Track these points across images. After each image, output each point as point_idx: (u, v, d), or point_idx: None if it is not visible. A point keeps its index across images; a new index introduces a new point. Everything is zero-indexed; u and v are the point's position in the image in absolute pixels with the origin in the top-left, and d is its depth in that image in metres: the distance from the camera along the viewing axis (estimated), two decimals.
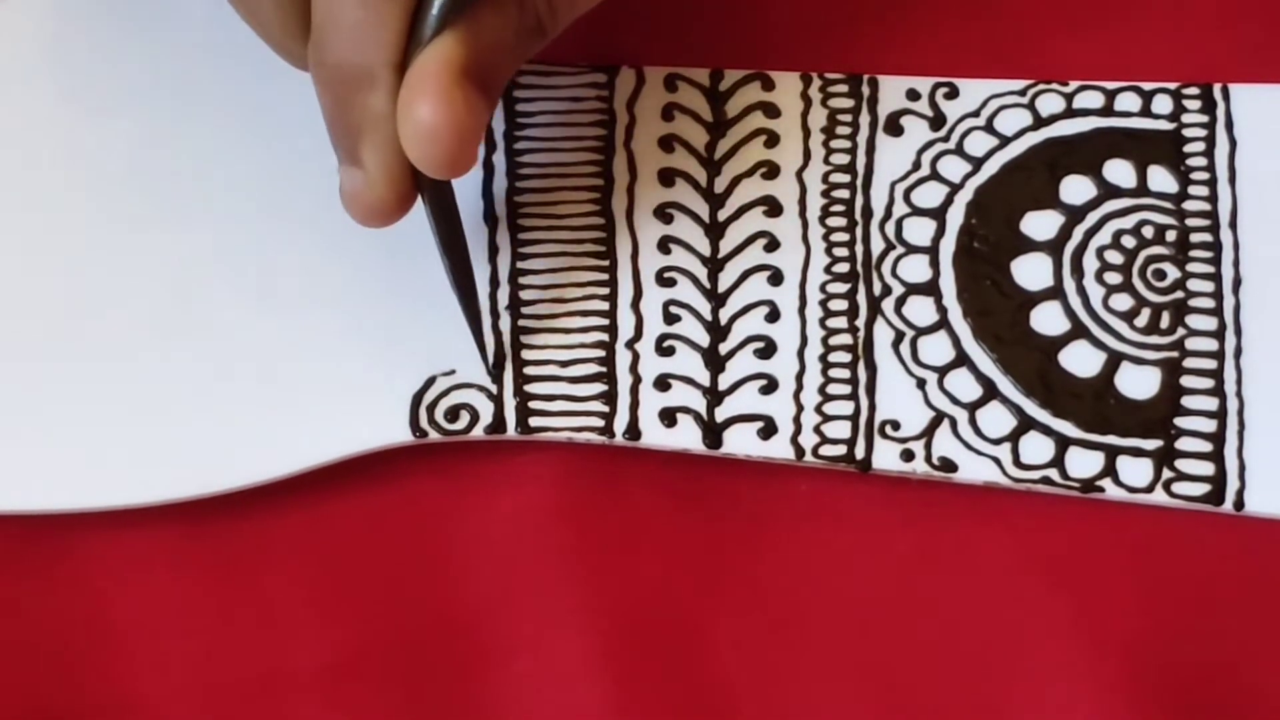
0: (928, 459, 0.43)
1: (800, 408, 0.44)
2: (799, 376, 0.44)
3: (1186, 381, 0.44)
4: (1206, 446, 0.43)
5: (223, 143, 0.45)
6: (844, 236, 0.45)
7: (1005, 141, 0.46)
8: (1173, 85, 0.46)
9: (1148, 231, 0.45)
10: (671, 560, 0.44)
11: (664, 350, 0.44)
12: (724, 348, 0.44)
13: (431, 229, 0.42)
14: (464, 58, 0.38)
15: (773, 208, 0.45)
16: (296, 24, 0.39)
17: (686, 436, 0.44)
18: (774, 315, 0.44)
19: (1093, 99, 0.46)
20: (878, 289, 0.45)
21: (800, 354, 0.44)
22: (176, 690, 0.43)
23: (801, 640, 0.43)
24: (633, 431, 0.43)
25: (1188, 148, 0.45)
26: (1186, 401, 0.44)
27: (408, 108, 0.38)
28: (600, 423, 0.44)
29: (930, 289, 0.45)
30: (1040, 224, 0.45)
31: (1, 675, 0.43)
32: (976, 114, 0.46)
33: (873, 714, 0.43)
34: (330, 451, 0.43)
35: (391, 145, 0.39)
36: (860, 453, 0.43)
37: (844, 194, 0.45)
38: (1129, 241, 0.45)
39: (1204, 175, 0.45)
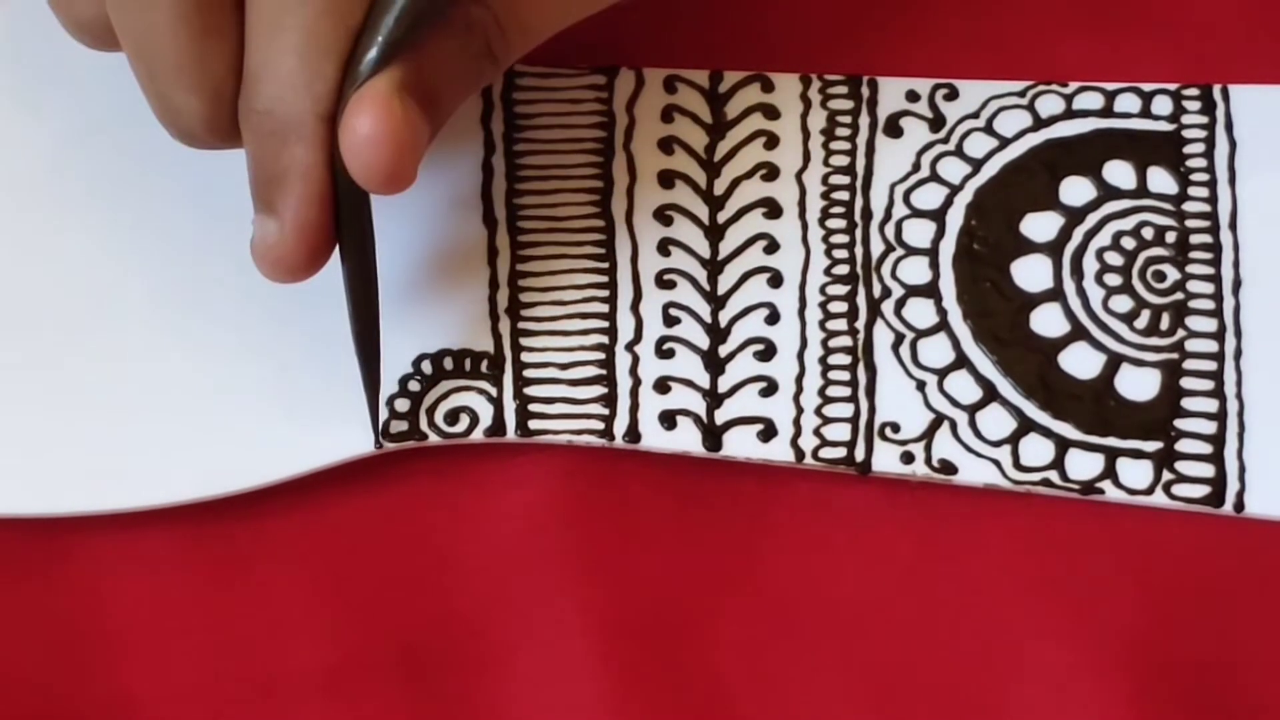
0: (927, 461, 0.43)
1: (800, 410, 0.44)
2: (799, 379, 0.44)
3: (1186, 383, 0.44)
4: (1206, 448, 0.43)
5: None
6: (844, 238, 0.45)
7: (1005, 143, 0.46)
8: (1172, 86, 0.46)
9: (1147, 233, 0.45)
10: (672, 560, 0.44)
11: (664, 353, 0.44)
12: (724, 350, 0.44)
13: (345, 289, 0.41)
14: (404, 75, 0.38)
15: (772, 210, 0.45)
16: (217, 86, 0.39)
17: (686, 439, 0.44)
18: (774, 317, 0.44)
19: (1092, 100, 0.46)
20: (877, 291, 0.45)
21: (800, 356, 0.44)
22: (178, 692, 0.43)
23: (802, 640, 0.43)
24: (632, 434, 0.43)
25: (1187, 149, 0.45)
26: (1186, 403, 0.44)
27: (348, 122, 0.37)
28: (600, 425, 0.44)
29: (930, 291, 0.45)
30: (1040, 225, 0.45)
31: (3, 676, 0.43)
32: (976, 115, 0.46)
33: (872, 714, 0.43)
34: (330, 455, 0.43)
35: (310, 196, 0.39)
36: (860, 455, 0.43)
37: (843, 196, 0.45)
38: (1129, 243, 0.45)
39: (1204, 176, 0.45)
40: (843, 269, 0.45)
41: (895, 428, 0.44)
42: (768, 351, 0.44)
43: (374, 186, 0.38)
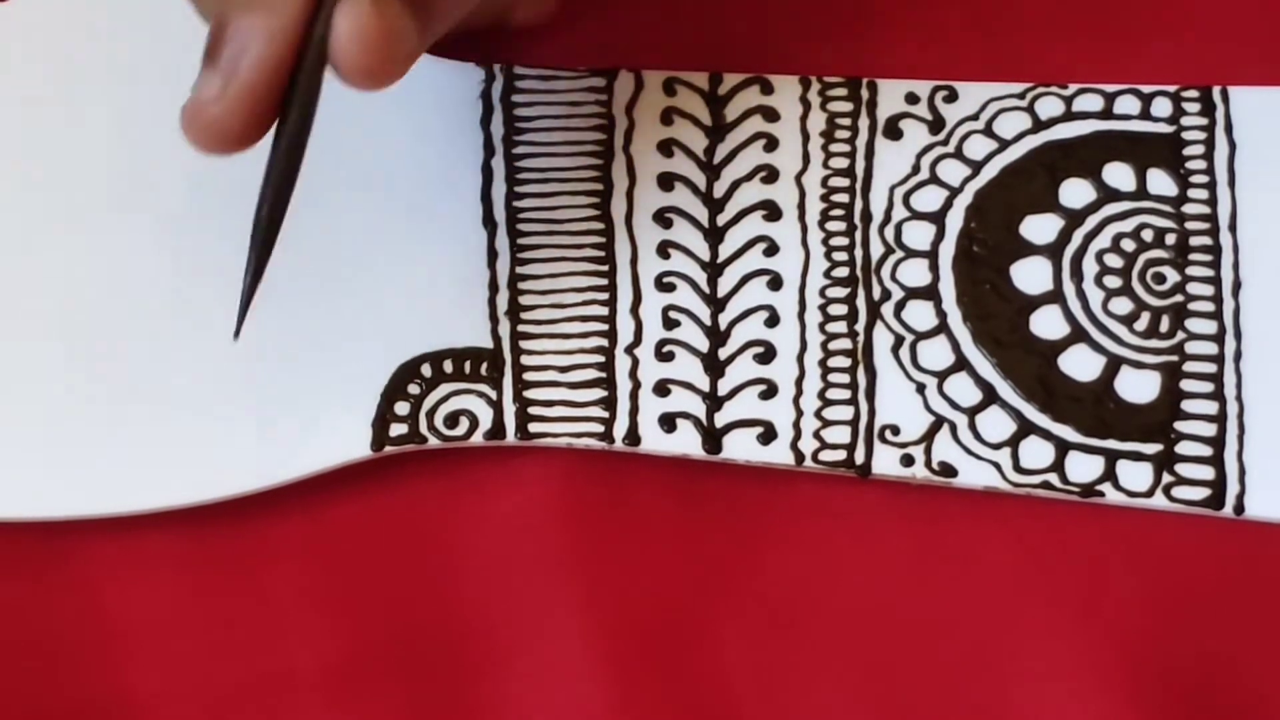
0: (927, 464, 0.43)
1: (800, 413, 0.44)
2: (798, 381, 0.44)
3: (1186, 385, 0.44)
4: (1206, 450, 0.43)
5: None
6: (843, 241, 0.45)
7: (1004, 145, 0.46)
8: (1172, 88, 0.46)
9: (1147, 235, 0.45)
10: (672, 561, 0.44)
11: (663, 355, 0.44)
12: (723, 353, 0.44)
13: (268, 166, 0.39)
14: None
15: (772, 212, 0.45)
16: None
17: (686, 442, 0.44)
18: (773, 320, 0.44)
19: (1092, 102, 0.46)
20: (877, 293, 0.45)
21: (800, 359, 0.44)
22: (177, 692, 0.43)
23: (802, 641, 0.43)
24: (632, 437, 0.43)
25: (1187, 150, 0.45)
26: (1186, 405, 0.44)
27: (336, 12, 0.36)
28: (600, 428, 0.44)
29: (930, 293, 0.45)
30: (1040, 227, 0.45)
31: (3, 678, 0.43)
32: (975, 117, 0.46)
33: (873, 714, 0.43)
34: (329, 458, 0.43)
35: (270, 61, 0.37)
36: (860, 458, 0.43)
37: (843, 198, 0.45)
38: (1128, 245, 0.45)
39: (1203, 178, 0.45)
40: (842, 271, 0.45)
41: (895, 430, 0.44)
42: (767, 354, 0.44)
43: (351, 82, 0.37)
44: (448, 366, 0.44)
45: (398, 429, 0.43)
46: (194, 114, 0.37)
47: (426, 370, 0.44)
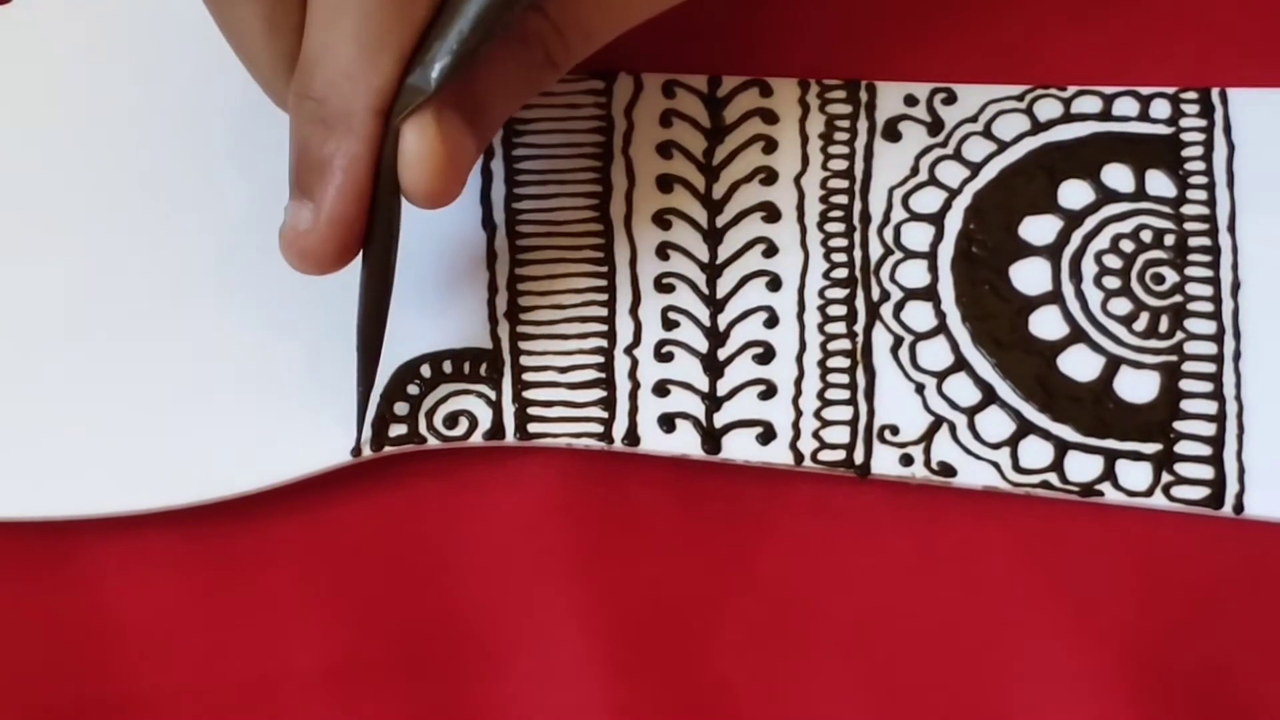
0: (927, 464, 0.43)
1: (799, 413, 0.44)
2: (798, 382, 0.44)
3: (1185, 385, 0.44)
4: (1206, 450, 0.43)
5: (218, 149, 0.46)
6: (842, 242, 0.45)
7: (1003, 146, 0.46)
8: (1171, 90, 0.46)
9: (1146, 236, 0.45)
10: (672, 561, 0.44)
11: (663, 356, 0.44)
12: (723, 353, 0.44)
13: (361, 286, 0.41)
14: (460, 95, 0.38)
15: (771, 213, 0.45)
16: (285, 60, 0.39)
17: (685, 442, 0.44)
18: (773, 321, 0.44)
19: (1091, 104, 0.46)
20: (876, 294, 0.45)
21: (799, 359, 0.44)
22: (178, 692, 0.43)
23: (802, 640, 0.43)
24: (631, 437, 0.44)
25: (1186, 152, 0.45)
26: (1185, 405, 0.44)
27: (402, 137, 0.38)
28: (599, 429, 0.44)
29: (929, 294, 0.45)
30: (1039, 229, 0.45)
31: (4, 678, 0.43)
32: (974, 119, 0.46)
33: (872, 713, 0.43)
34: (330, 459, 0.43)
35: (351, 189, 0.39)
36: (859, 458, 0.43)
37: (842, 199, 0.45)
38: (1127, 246, 0.45)
39: (1202, 180, 0.45)
40: (841, 272, 0.45)
41: (894, 430, 0.44)
42: (766, 355, 0.44)
43: (418, 202, 0.39)
44: (447, 367, 0.44)
45: (397, 429, 0.43)
46: (291, 243, 0.40)
47: (426, 371, 0.44)
